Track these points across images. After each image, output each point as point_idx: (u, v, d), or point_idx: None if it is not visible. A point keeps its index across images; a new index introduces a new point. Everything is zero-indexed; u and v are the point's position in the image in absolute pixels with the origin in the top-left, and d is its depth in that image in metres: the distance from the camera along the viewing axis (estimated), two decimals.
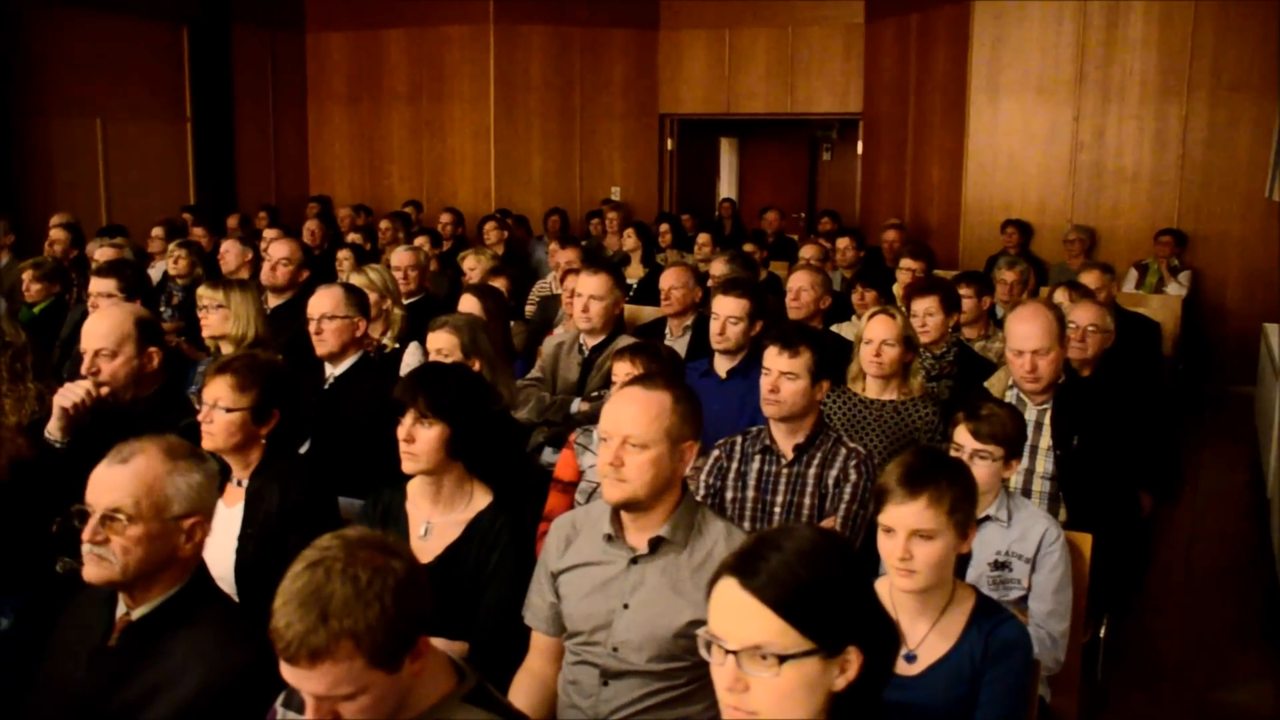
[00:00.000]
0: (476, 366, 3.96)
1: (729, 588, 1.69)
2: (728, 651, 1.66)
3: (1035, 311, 3.96)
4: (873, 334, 4.10)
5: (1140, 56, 9.44)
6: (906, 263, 6.72)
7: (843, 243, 8.17)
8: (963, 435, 3.09)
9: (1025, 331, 3.87)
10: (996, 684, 2.40)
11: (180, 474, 2.31)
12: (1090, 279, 5.85)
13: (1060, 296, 5.33)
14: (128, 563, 2.23)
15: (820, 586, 1.68)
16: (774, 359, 3.47)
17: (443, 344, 4.05)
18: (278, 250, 5.75)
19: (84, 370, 3.57)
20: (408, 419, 2.95)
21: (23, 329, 3.75)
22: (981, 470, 3.00)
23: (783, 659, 1.64)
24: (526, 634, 2.78)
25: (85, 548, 2.23)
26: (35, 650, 2.43)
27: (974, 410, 3.12)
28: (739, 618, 1.66)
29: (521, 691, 2.73)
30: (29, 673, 2.41)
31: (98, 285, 4.97)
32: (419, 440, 2.94)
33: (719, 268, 6.40)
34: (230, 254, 6.93)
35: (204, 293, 4.54)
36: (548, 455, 4.47)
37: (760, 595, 1.65)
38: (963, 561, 2.73)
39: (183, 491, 2.30)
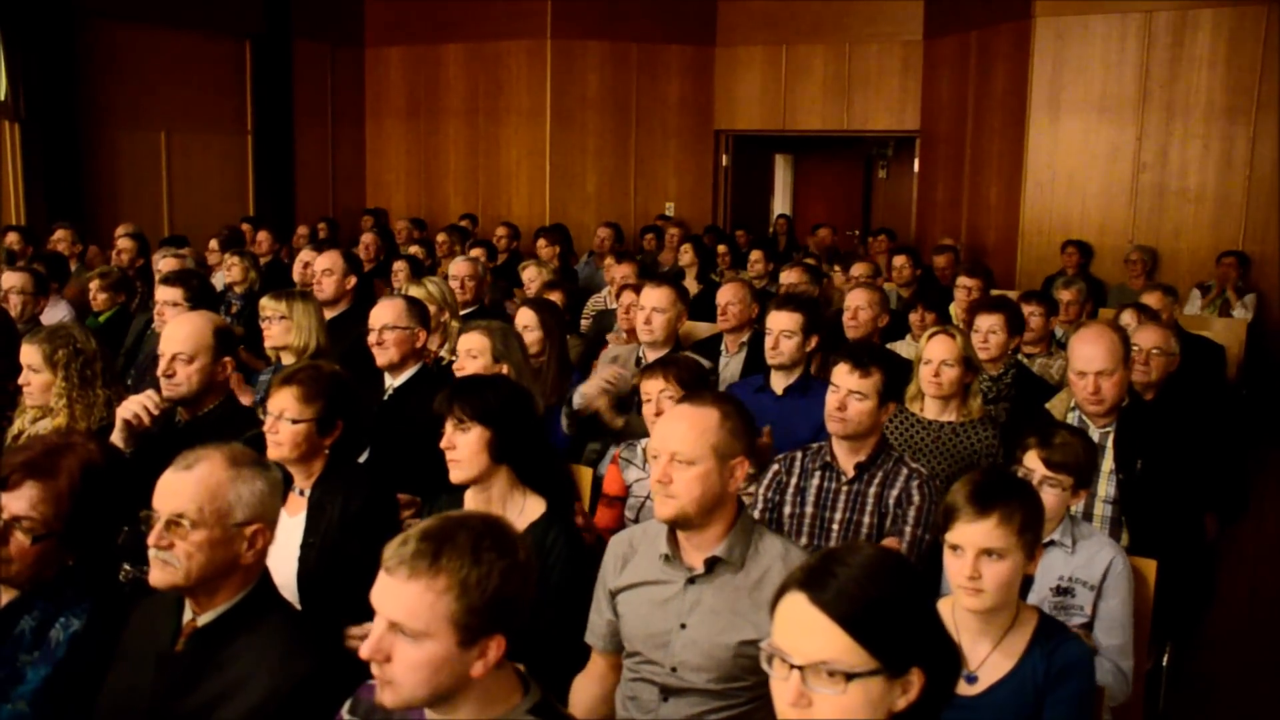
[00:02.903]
0: (504, 370, 3.97)
1: (797, 602, 1.68)
2: (793, 666, 1.65)
3: (1100, 332, 3.89)
4: (932, 354, 4.07)
5: (1207, 74, 9.31)
6: (964, 280, 6.66)
7: (899, 260, 8.15)
8: (1033, 460, 3.04)
9: (1089, 353, 3.81)
10: (1060, 705, 2.38)
11: (243, 481, 2.33)
12: (1152, 300, 5.79)
13: (1127, 318, 5.26)
14: (191, 568, 2.25)
15: (888, 606, 1.67)
16: (844, 377, 3.43)
17: (473, 345, 4.07)
18: (320, 264, 5.79)
19: (160, 373, 3.61)
20: (448, 428, 2.98)
21: (92, 336, 3.82)
22: (1049, 497, 2.96)
23: (849, 677, 1.63)
24: (582, 647, 2.79)
25: (151, 552, 2.25)
26: (105, 653, 2.45)
27: (1047, 436, 3.07)
28: (806, 633, 1.66)
29: (582, 697, 2.75)
30: (99, 675, 2.43)
31: (164, 294, 5.02)
32: (459, 446, 2.97)
33: (791, 277, 6.41)
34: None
35: (267, 304, 4.58)
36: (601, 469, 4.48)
37: (829, 611, 1.65)
38: (1025, 585, 2.70)
39: (245, 499, 2.32)
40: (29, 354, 3.67)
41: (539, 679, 2.00)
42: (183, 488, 2.28)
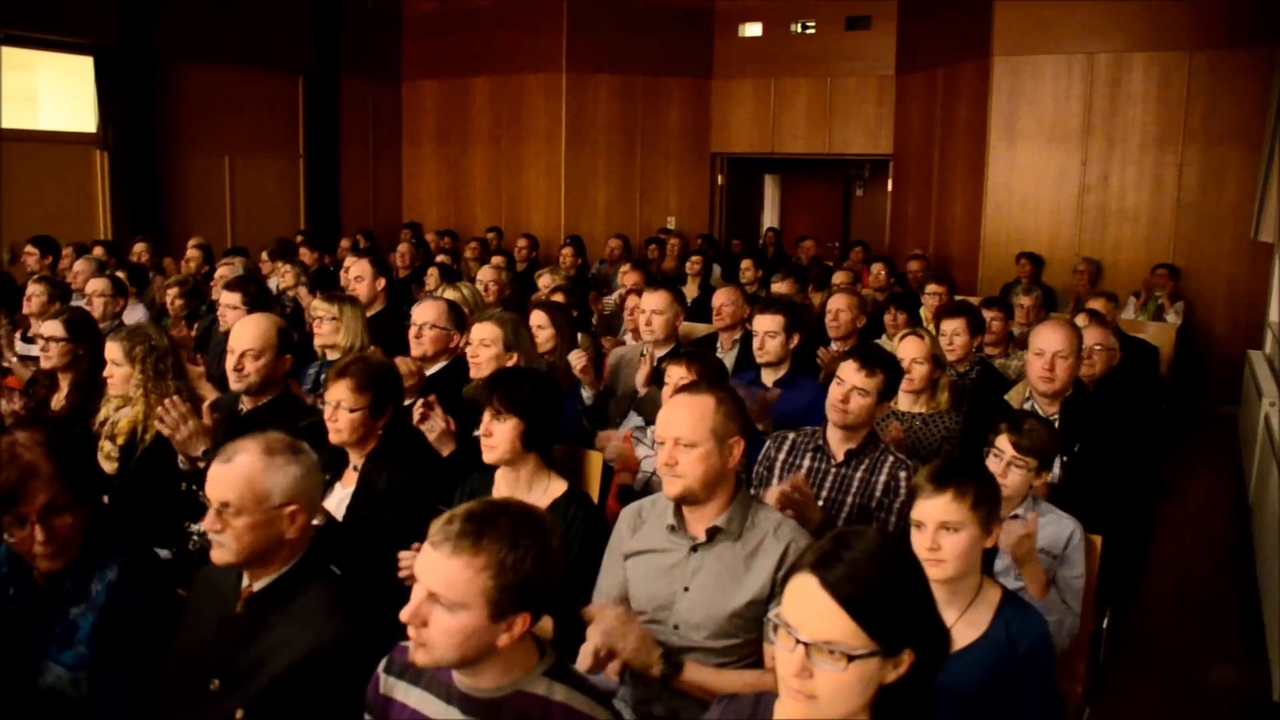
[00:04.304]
0: (514, 359, 3.96)
1: (807, 583, 1.66)
2: (799, 641, 1.64)
3: (1059, 323, 3.96)
4: (904, 353, 4.07)
5: (1140, 110, 9.36)
6: (932, 288, 6.68)
7: (877, 268, 8.19)
8: (1004, 443, 3.04)
9: (1049, 336, 3.86)
10: (1033, 687, 2.37)
11: (277, 468, 2.32)
12: (1098, 305, 5.81)
13: (1081, 321, 5.28)
14: (240, 547, 2.27)
15: (890, 593, 1.66)
16: (851, 374, 3.41)
17: (486, 334, 4.05)
18: (352, 271, 5.81)
19: (229, 367, 3.63)
20: (485, 415, 2.99)
21: (165, 334, 3.84)
22: (1014, 477, 2.98)
23: (850, 657, 1.62)
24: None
25: (211, 536, 2.28)
26: (141, 593, 2.50)
27: (1017, 423, 3.07)
28: (814, 613, 1.64)
29: None
30: (139, 613, 2.47)
31: (226, 298, 5.05)
32: (495, 434, 2.97)
33: (782, 287, 6.43)
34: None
35: (319, 306, 4.58)
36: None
37: (837, 595, 1.63)
38: (989, 557, 2.70)
39: (280, 484, 2.31)
40: (111, 350, 3.69)
41: (559, 645, 2.01)
42: (226, 478, 2.29)
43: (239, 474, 2.28)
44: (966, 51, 10.11)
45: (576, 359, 4.32)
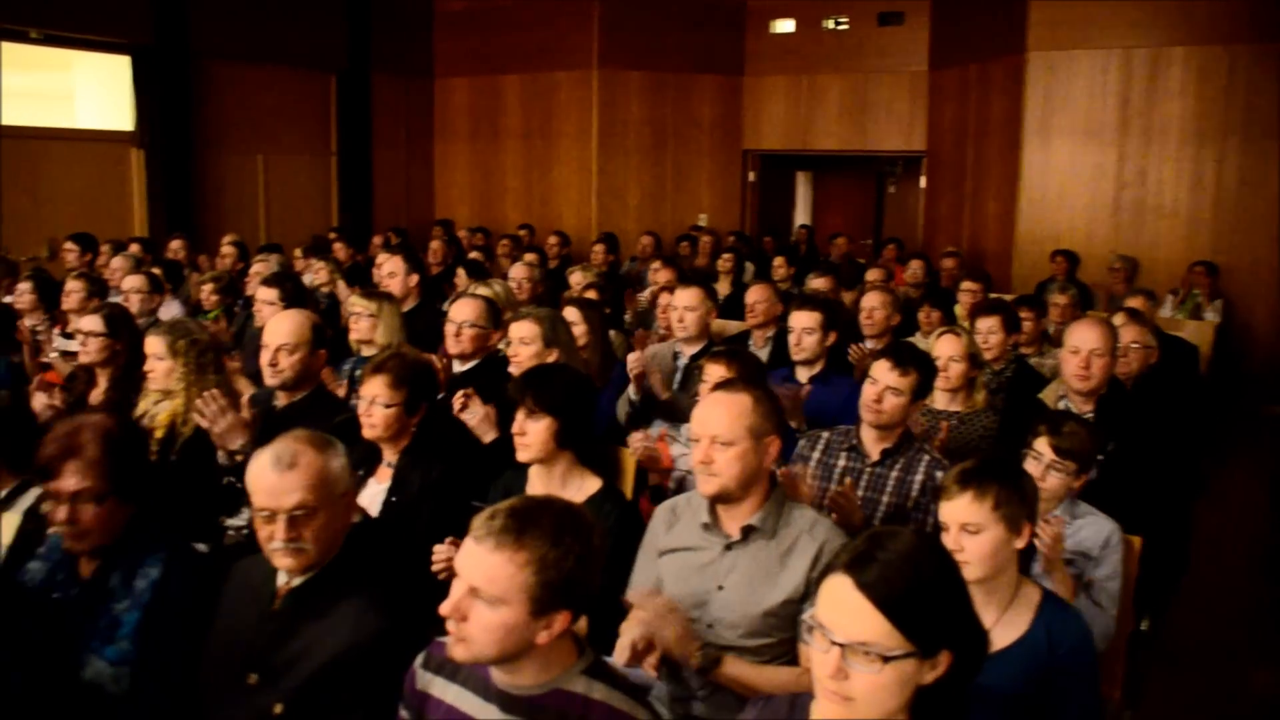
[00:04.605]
0: (554, 356, 3.95)
1: (842, 584, 1.64)
2: (834, 643, 1.63)
3: (1096, 321, 3.94)
4: (940, 351, 4.04)
5: (1179, 105, 9.23)
6: (967, 284, 6.63)
7: (915, 264, 8.18)
8: (1042, 446, 3.00)
9: (1085, 334, 3.81)
10: (1074, 690, 2.34)
11: (334, 457, 2.35)
12: (1136, 302, 5.74)
13: (1119, 319, 5.22)
14: (319, 545, 2.28)
15: (926, 593, 1.64)
16: (884, 373, 3.38)
17: (524, 332, 4.04)
18: (385, 268, 5.82)
19: (264, 362, 3.65)
20: (520, 414, 2.98)
21: (205, 329, 3.87)
22: (1053, 480, 2.95)
23: (886, 658, 1.60)
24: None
25: (276, 544, 2.25)
26: (184, 589, 2.52)
27: (1057, 425, 3.02)
28: (848, 614, 1.62)
29: None
30: (181, 608, 2.49)
31: (263, 294, 5.07)
32: (529, 433, 2.96)
33: (819, 284, 6.42)
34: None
35: (358, 302, 4.59)
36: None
37: (871, 596, 1.61)
38: (1027, 557, 2.67)
39: (338, 472, 2.34)
40: (154, 344, 3.71)
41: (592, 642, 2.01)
42: (296, 482, 2.26)
43: (309, 472, 2.27)
44: (1001, 47, 10.02)
45: (634, 361, 4.31)
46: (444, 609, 1.84)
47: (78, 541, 2.52)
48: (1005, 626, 2.37)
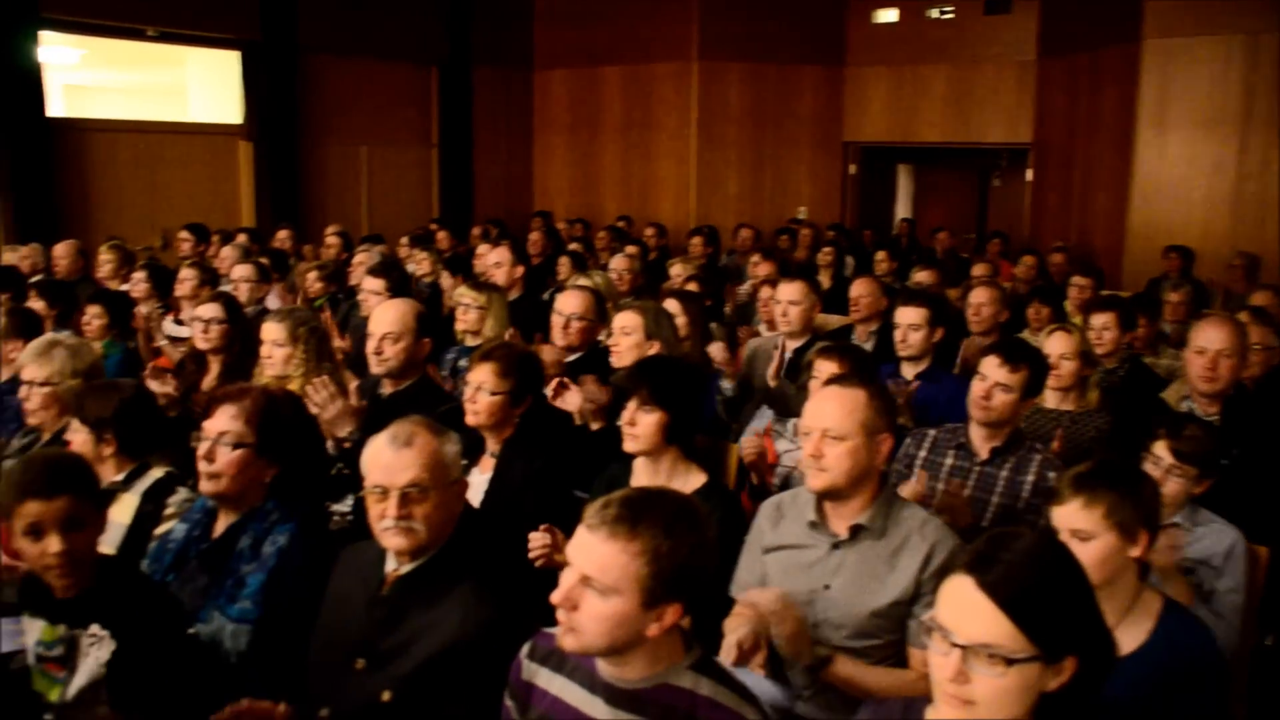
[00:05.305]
0: (656, 348, 3.93)
1: (963, 585, 1.61)
2: (955, 645, 1.59)
3: (1224, 319, 3.77)
4: (1052, 348, 3.93)
5: None
6: (1078, 280, 6.43)
7: (1027, 260, 8.04)
8: (1162, 449, 2.89)
9: (1213, 333, 3.66)
10: (1198, 703, 2.25)
11: (450, 444, 2.38)
12: (1263, 299, 5.51)
13: (1242, 318, 5.02)
14: (430, 528, 2.30)
15: (1051, 595, 1.60)
16: (993, 369, 3.30)
17: (628, 322, 4.02)
18: (491, 258, 5.86)
19: (370, 350, 3.71)
20: (632, 405, 2.95)
21: (319, 317, 3.94)
22: (1173, 486, 2.83)
23: (1009, 661, 1.56)
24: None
25: (387, 523, 2.28)
26: (306, 560, 2.60)
27: (1177, 428, 2.92)
28: (970, 615, 1.59)
29: None
30: (303, 577, 2.56)
31: (369, 284, 5.15)
32: (639, 424, 2.94)
33: (924, 278, 6.31)
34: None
35: (467, 294, 4.62)
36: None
37: (995, 597, 1.58)
38: (1147, 567, 2.57)
39: (451, 457, 2.37)
40: (273, 331, 3.80)
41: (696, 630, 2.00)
42: (409, 461, 2.30)
43: (423, 453, 2.31)
44: (1114, 35, 9.70)
45: (718, 351, 4.29)
46: (555, 597, 1.84)
47: (209, 483, 2.65)
48: (1122, 635, 2.27)
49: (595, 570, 1.81)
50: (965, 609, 1.60)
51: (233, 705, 2.04)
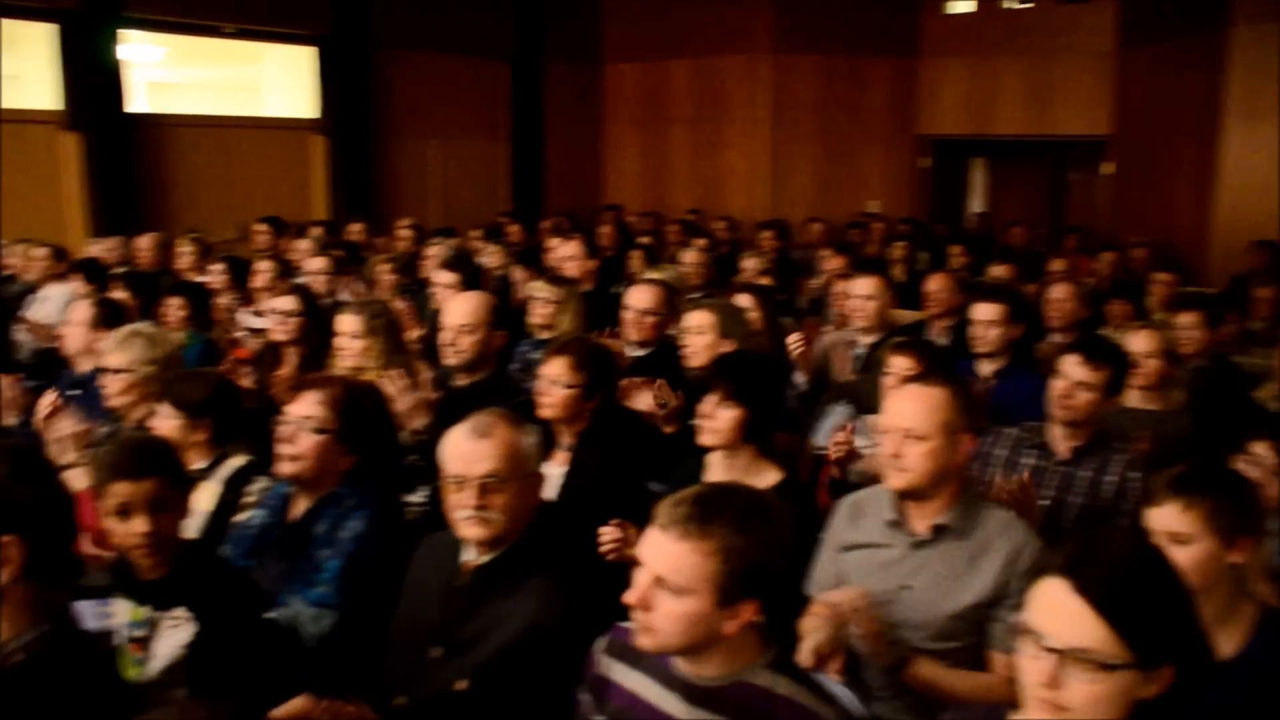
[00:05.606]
0: (729, 347, 3.88)
1: (1058, 587, 1.56)
2: (1048, 649, 1.55)
3: None
4: (1136, 347, 3.83)
5: None
6: (1161, 276, 6.27)
7: (1108, 256, 7.85)
8: (1263, 449, 2.81)
9: None
10: None
11: (528, 436, 2.40)
12: None
13: None
14: (506, 519, 2.31)
15: (1149, 599, 1.55)
16: (1074, 367, 3.24)
17: (700, 321, 3.98)
18: (563, 251, 5.86)
19: (444, 343, 3.74)
20: (711, 399, 2.93)
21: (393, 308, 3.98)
22: (1277, 488, 2.75)
23: (1105, 667, 1.52)
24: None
25: (464, 513, 2.30)
26: (381, 548, 2.63)
27: (1278, 428, 2.84)
28: (1065, 619, 1.54)
29: None
30: (378, 564, 2.60)
31: (442, 277, 5.19)
32: (718, 419, 2.92)
33: (1001, 273, 6.22)
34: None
35: (543, 288, 4.63)
36: (819, 439, 4.40)
37: (1092, 601, 1.53)
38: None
39: (529, 450, 2.39)
40: (350, 323, 3.84)
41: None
42: (487, 451, 2.32)
43: (502, 444, 2.33)
44: (1201, 23, 9.42)
45: (796, 343, 4.25)
46: (630, 598, 1.83)
47: (289, 464, 2.71)
48: (1218, 642, 2.22)
49: (668, 570, 1.79)
50: (1060, 613, 1.55)
51: (308, 702, 2.04)
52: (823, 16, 11.66)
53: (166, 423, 3.11)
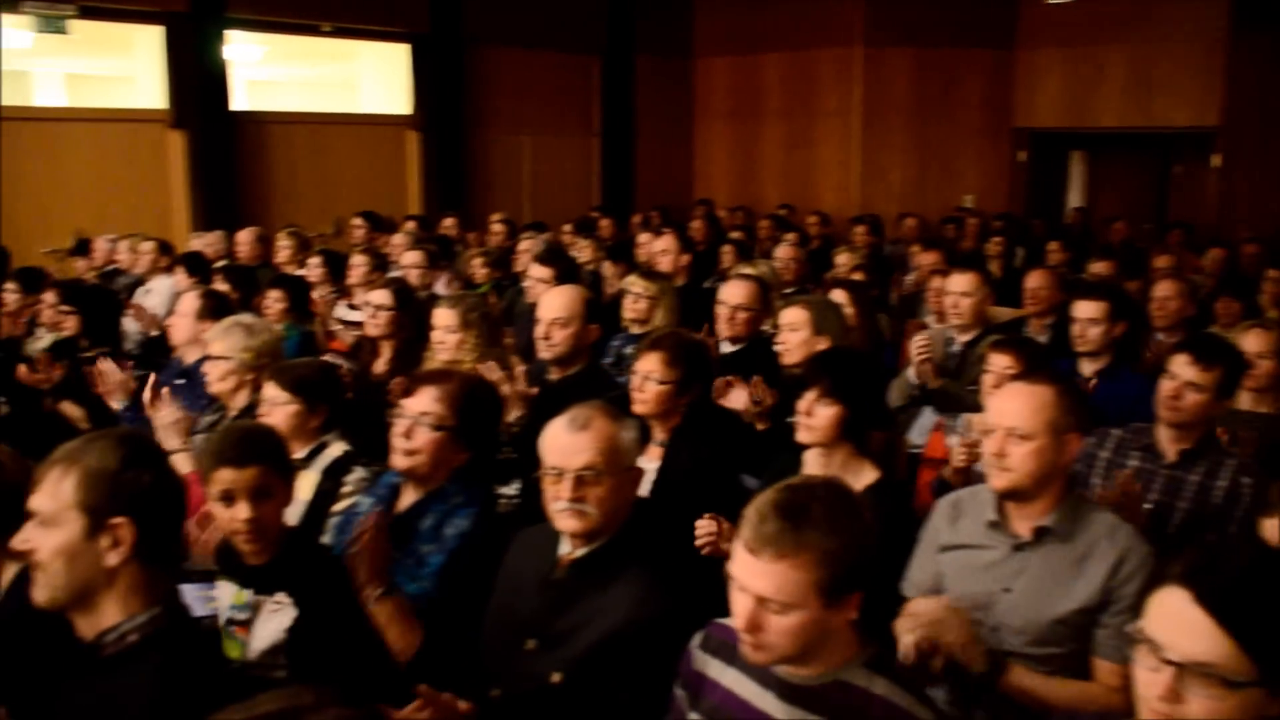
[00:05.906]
0: (824, 344, 3.83)
1: (1178, 598, 1.49)
2: (1168, 662, 1.48)
3: None
4: (1248, 346, 3.68)
5: None
6: (1273, 273, 6.05)
7: (1216, 252, 7.60)
8: None
9: None
10: None
11: (627, 430, 2.40)
12: None
13: None
14: (603, 512, 2.32)
15: (1278, 614, 1.47)
16: (1183, 367, 3.13)
17: (795, 318, 3.95)
18: (657, 245, 5.85)
19: (539, 336, 3.77)
20: (810, 395, 2.89)
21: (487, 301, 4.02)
22: None
23: (1229, 684, 1.44)
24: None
25: (561, 505, 2.31)
26: (483, 546, 2.64)
27: None
28: (1186, 632, 1.47)
29: None
30: (479, 562, 2.61)
31: (537, 271, 5.22)
32: (817, 416, 2.88)
33: (1101, 269, 6.07)
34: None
35: (639, 283, 4.62)
36: (914, 436, 4.34)
37: (1217, 615, 1.45)
38: None
39: (628, 444, 2.39)
40: (445, 317, 3.88)
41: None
42: (586, 444, 2.32)
43: (600, 437, 2.33)
44: None
45: (921, 342, 4.16)
46: (739, 624, 1.82)
47: (404, 459, 2.73)
48: None
49: (771, 592, 1.78)
50: (1180, 624, 1.49)
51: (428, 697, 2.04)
52: (916, 8, 11.46)
53: (280, 409, 3.17)
